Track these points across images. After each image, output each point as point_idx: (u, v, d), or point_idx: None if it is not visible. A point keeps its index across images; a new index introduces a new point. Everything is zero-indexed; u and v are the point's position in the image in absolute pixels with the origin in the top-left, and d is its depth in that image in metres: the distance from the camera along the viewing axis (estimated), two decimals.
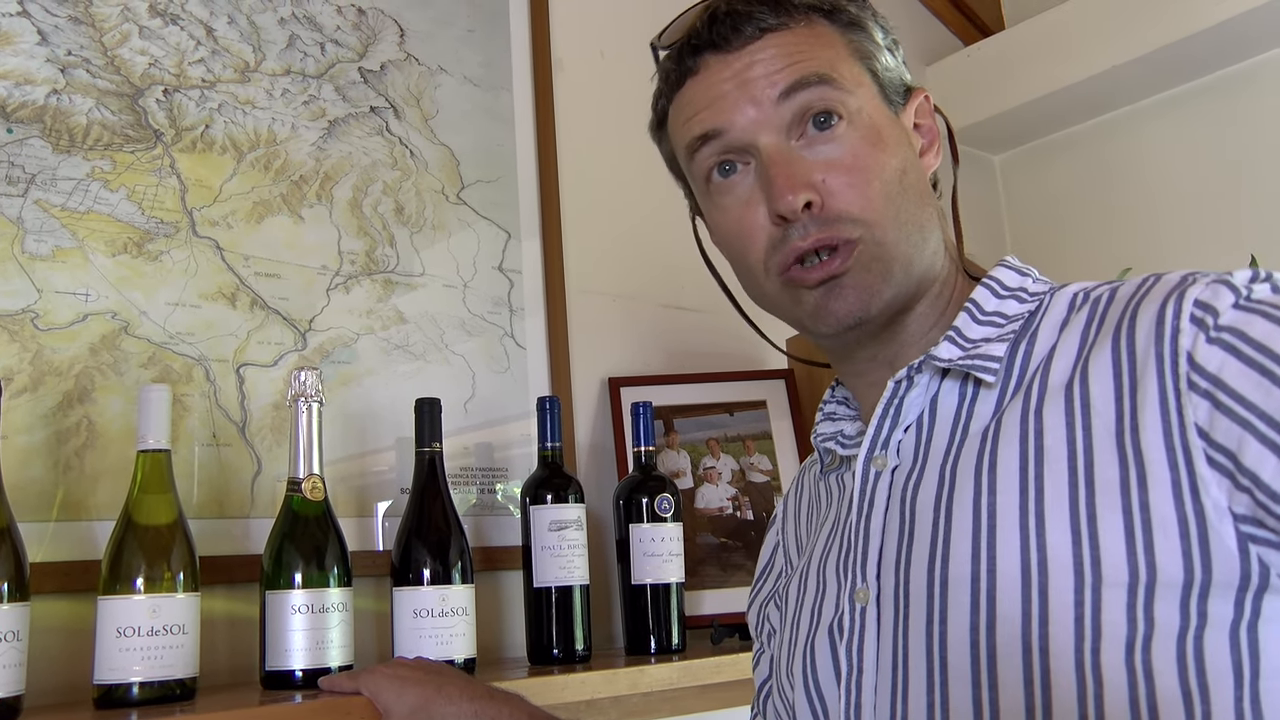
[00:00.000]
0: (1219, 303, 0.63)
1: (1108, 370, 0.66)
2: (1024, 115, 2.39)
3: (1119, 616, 0.60)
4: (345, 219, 1.45)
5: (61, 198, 1.21)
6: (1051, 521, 0.64)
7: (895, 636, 0.71)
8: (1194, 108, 2.26)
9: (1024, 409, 0.69)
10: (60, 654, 1.10)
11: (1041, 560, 0.63)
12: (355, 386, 1.41)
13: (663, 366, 1.79)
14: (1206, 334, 0.62)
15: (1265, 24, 2.03)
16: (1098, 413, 0.65)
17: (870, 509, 0.76)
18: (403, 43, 1.58)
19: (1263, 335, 0.60)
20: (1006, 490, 0.67)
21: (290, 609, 1.10)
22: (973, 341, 0.75)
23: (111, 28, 1.29)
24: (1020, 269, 0.80)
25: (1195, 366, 0.61)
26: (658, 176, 1.97)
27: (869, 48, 0.80)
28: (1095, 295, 0.72)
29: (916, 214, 0.77)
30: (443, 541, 1.24)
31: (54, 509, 1.14)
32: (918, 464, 0.75)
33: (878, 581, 0.74)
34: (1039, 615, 0.63)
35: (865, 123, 0.76)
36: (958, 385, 0.75)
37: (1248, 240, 2.08)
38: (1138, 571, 0.60)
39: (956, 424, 0.74)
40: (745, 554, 1.60)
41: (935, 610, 0.68)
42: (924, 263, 0.78)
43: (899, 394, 0.77)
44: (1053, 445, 0.66)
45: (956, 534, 0.68)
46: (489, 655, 1.44)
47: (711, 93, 0.78)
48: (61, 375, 1.18)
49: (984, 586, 0.65)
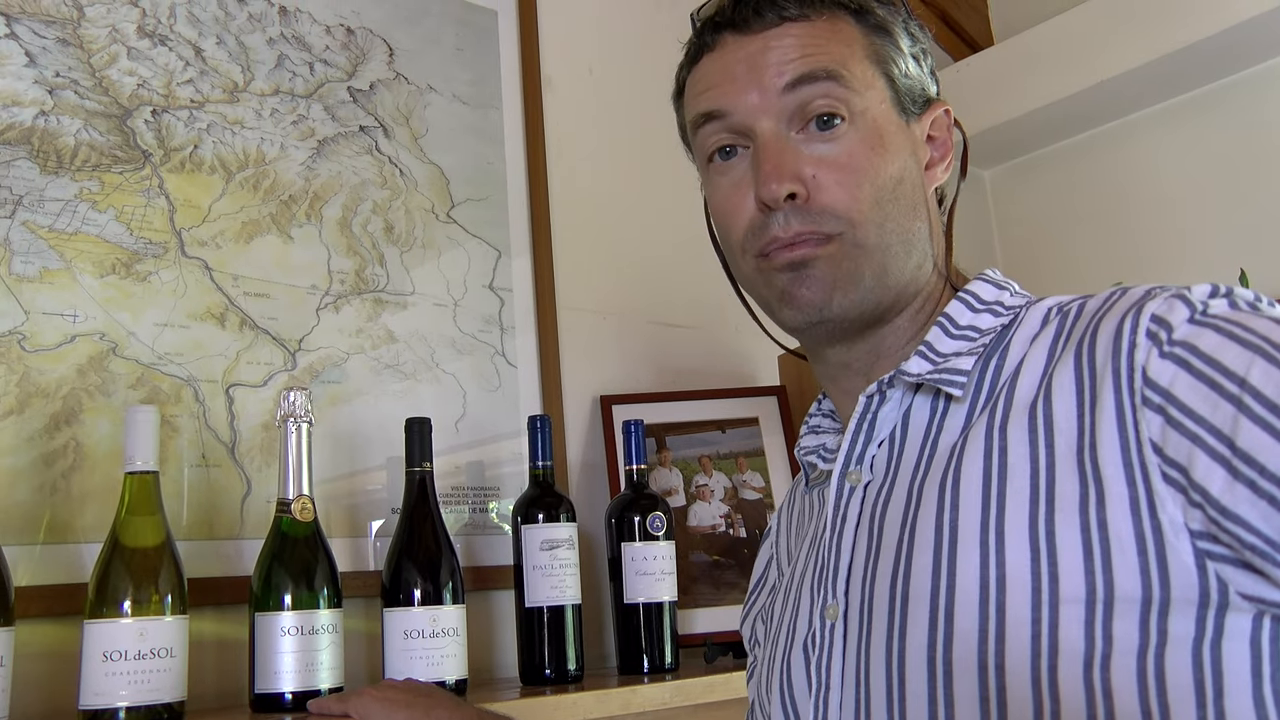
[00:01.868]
0: (1173, 317, 0.62)
1: (1070, 386, 0.66)
2: (1014, 130, 2.40)
3: (1076, 633, 0.60)
4: (335, 238, 1.45)
5: (49, 219, 1.21)
6: (1011, 538, 0.64)
7: (859, 653, 0.71)
8: (1184, 120, 2.27)
9: (989, 425, 0.69)
10: (45, 679, 1.09)
11: (1000, 577, 0.63)
12: (345, 406, 1.41)
13: (654, 384, 1.78)
14: (1160, 348, 0.62)
15: (1253, 38, 2.05)
16: (1060, 430, 0.65)
17: (843, 525, 0.76)
18: (391, 62, 1.58)
19: (1212, 349, 0.60)
20: (969, 507, 0.66)
21: (279, 631, 1.09)
22: (943, 355, 0.75)
23: (100, 49, 1.29)
24: (998, 282, 0.80)
25: (1148, 381, 0.61)
26: (648, 193, 1.98)
27: (889, 52, 0.79)
28: (1065, 309, 0.72)
29: (904, 224, 0.77)
30: (433, 562, 1.23)
31: (40, 531, 1.13)
32: (888, 479, 0.75)
33: (845, 598, 0.74)
34: (995, 632, 0.62)
35: (868, 125, 0.76)
36: (929, 400, 0.75)
37: (1238, 252, 2.09)
38: (1095, 588, 0.60)
39: (926, 439, 0.74)
40: (738, 572, 1.59)
41: (895, 626, 0.68)
42: (903, 275, 0.77)
43: (871, 408, 0.77)
44: (1015, 462, 0.66)
45: (919, 550, 0.68)
46: (480, 676, 1.43)
47: (722, 73, 0.79)
48: (48, 397, 1.17)
49: (942, 603, 0.65)
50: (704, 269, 1.96)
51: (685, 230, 1.88)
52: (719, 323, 1.89)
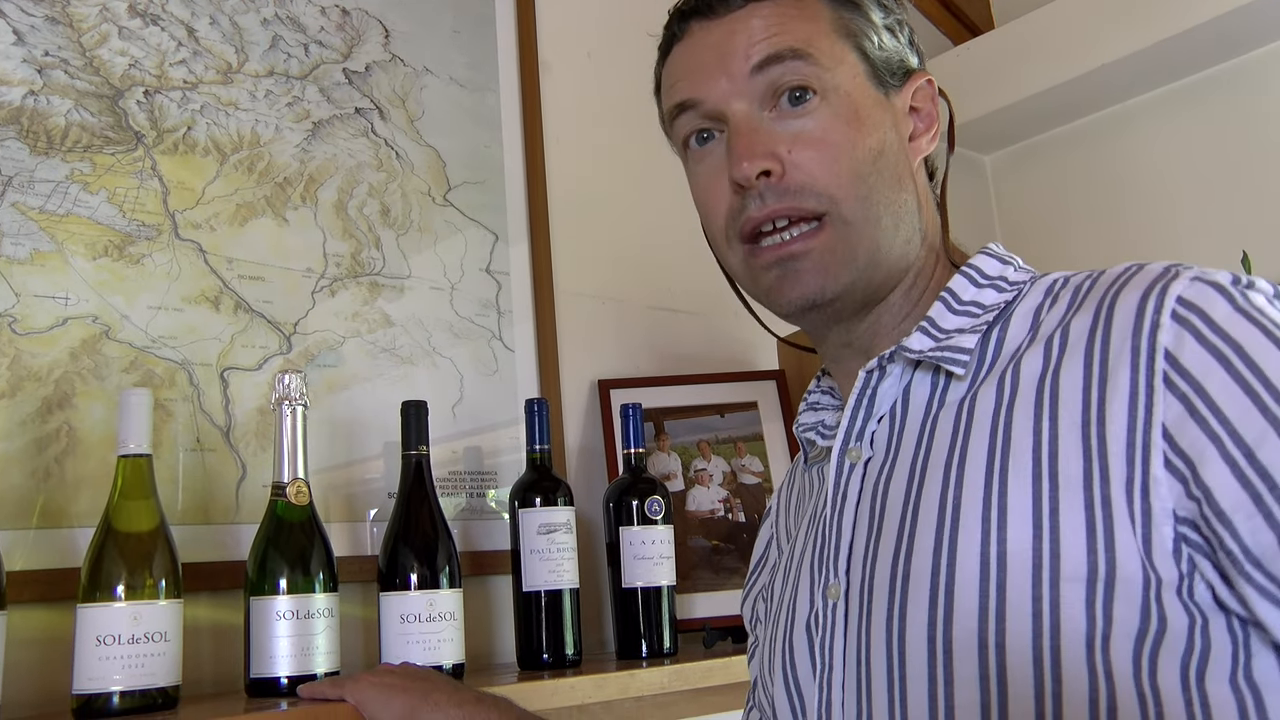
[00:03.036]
0: (1212, 306, 0.61)
1: (1079, 360, 0.65)
2: (1014, 115, 2.39)
3: (1078, 612, 0.59)
4: (330, 221, 1.43)
5: (40, 200, 1.20)
6: (1013, 516, 0.63)
7: (859, 632, 0.71)
8: (1185, 105, 2.26)
9: (996, 404, 0.68)
10: (39, 664, 1.08)
11: (1001, 554, 0.62)
12: (342, 391, 1.40)
13: (652, 368, 1.77)
14: (1196, 335, 0.60)
15: (1255, 21, 2.03)
16: (1066, 405, 0.64)
17: (843, 503, 0.76)
18: (388, 44, 1.56)
19: (1257, 353, 0.59)
20: (972, 484, 0.66)
21: (275, 615, 1.08)
22: (945, 332, 0.74)
23: (90, 28, 1.28)
24: (1002, 257, 0.79)
25: (1176, 365, 0.60)
26: (646, 178, 1.96)
27: (858, 25, 0.79)
28: (1076, 282, 0.71)
29: (890, 196, 0.76)
30: (430, 546, 1.22)
31: (33, 516, 1.12)
32: (890, 456, 0.74)
33: (847, 577, 0.73)
34: (996, 610, 0.62)
35: (841, 100, 0.75)
36: (929, 376, 0.75)
37: (1240, 237, 2.08)
38: (1097, 567, 0.59)
39: (928, 416, 0.73)
40: (737, 557, 1.58)
41: (895, 605, 0.67)
42: (895, 250, 0.77)
43: (871, 384, 0.76)
44: (1019, 438, 0.65)
45: (921, 528, 0.68)
46: (478, 661, 1.43)
47: (691, 62, 0.79)
48: (41, 381, 1.16)
49: (943, 581, 0.65)
50: (702, 253, 1.95)
51: (683, 215, 1.87)
52: (718, 307, 1.87)
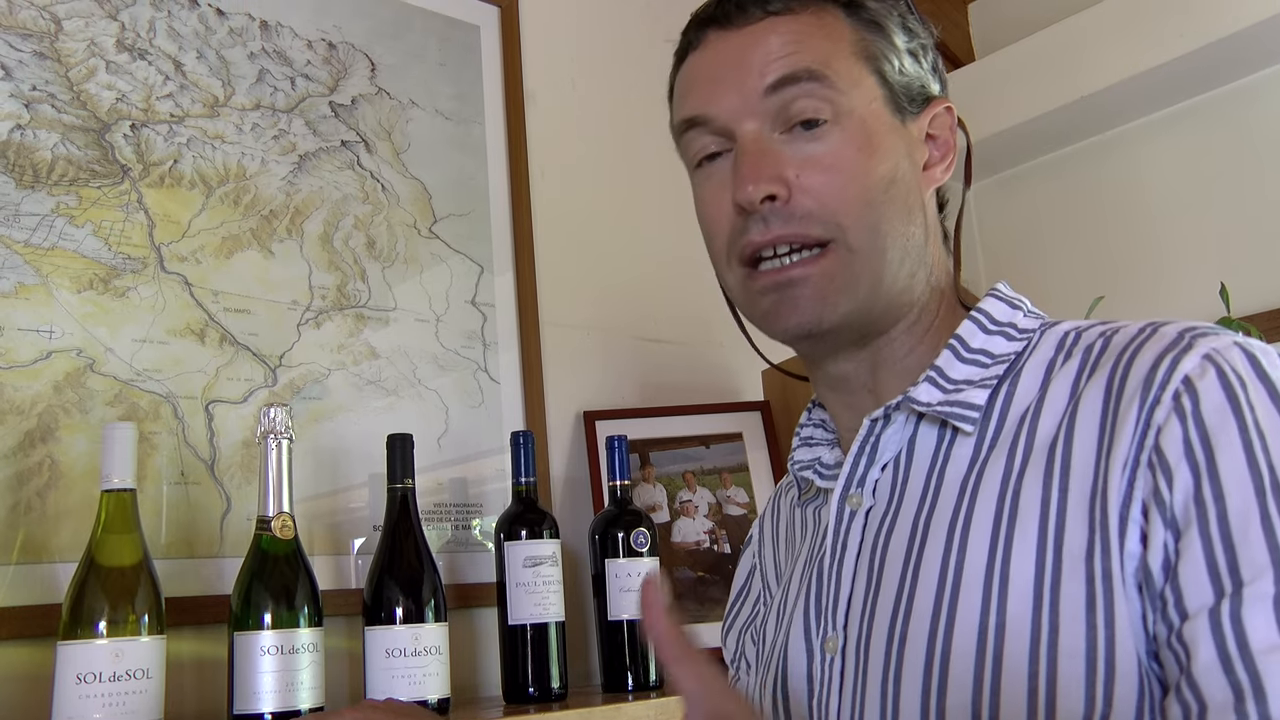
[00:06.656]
0: (1204, 385, 0.60)
1: (1093, 427, 0.63)
2: (995, 145, 2.41)
3: (1076, 689, 0.58)
4: (316, 253, 1.44)
5: (25, 234, 1.20)
6: (1015, 587, 0.61)
7: (854, 692, 0.69)
8: (1166, 135, 2.29)
9: (1007, 468, 0.66)
10: (18, 702, 1.07)
11: (1000, 624, 0.61)
12: (327, 422, 1.39)
13: (638, 399, 1.78)
14: (1181, 422, 0.59)
15: (1234, 53, 2.06)
16: (1075, 474, 0.62)
17: (844, 551, 0.74)
18: (373, 76, 1.57)
19: (1222, 450, 0.58)
20: (976, 548, 0.64)
21: (259, 650, 1.08)
22: (954, 383, 0.72)
23: (78, 63, 1.28)
24: (1011, 300, 0.77)
25: (1157, 448, 0.59)
26: (631, 208, 1.97)
27: (880, 48, 0.75)
28: (1088, 342, 0.69)
29: (899, 228, 0.73)
30: (415, 580, 1.22)
31: (14, 551, 1.12)
32: (892, 507, 0.72)
33: (844, 631, 0.71)
34: (991, 682, 0.60)
35: (855, 125, 0.73)
36: (935, 429, 0.72)
37: (1218, 267, 2.10)
38: (1095, 643, 0.58)
39: (933, 469, 0.71)
40: (723, 588, 1.58)
41: (891, 666, 0.66)
42: (898, 284, 0.74)
43: (875, 432, 0.74)
44: (1026, 507, 0.63)
45: (921, 589, 0.66)
46: (463, 695, 1.42)
47: (704, 74, 0.76)
48: (23, 414, 1.15)
49: (939, 647, 0.63)
50: (687, 284, 1.95)
51: (669, 245, 1.89)
52: (703, 338, 1.88)
